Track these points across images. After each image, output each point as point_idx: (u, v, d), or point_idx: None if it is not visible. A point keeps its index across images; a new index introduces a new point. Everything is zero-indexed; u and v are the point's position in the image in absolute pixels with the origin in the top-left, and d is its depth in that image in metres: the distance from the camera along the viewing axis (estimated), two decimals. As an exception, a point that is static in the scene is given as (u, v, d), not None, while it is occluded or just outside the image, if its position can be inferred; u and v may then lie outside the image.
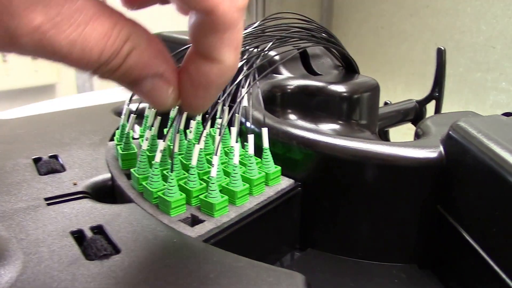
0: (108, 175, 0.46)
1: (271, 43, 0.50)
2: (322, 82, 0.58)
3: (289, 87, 0.58)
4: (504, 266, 0.35)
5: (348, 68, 0.66)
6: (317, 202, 0.46)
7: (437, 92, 0.70)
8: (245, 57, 0.48)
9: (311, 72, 0.64)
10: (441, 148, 0.42)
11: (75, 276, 0.32)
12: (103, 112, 0.61)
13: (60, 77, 2.22)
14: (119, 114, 0.62)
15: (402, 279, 0.43)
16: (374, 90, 0.60)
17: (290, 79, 0.60)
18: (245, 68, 0.48)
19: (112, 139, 0.54)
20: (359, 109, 0.59)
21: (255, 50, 0.50)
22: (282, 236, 0.46)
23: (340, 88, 0.58)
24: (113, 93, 0.72)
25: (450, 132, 0.41)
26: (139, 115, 0.51)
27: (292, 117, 0.58)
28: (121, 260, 0.34)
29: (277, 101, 0.59)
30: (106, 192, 0.45)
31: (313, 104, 0.58)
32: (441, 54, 0.71)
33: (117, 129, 0.50)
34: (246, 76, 0.46)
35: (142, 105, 0.56)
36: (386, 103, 0.76)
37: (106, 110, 0.62)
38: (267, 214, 0.42)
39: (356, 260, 0.45)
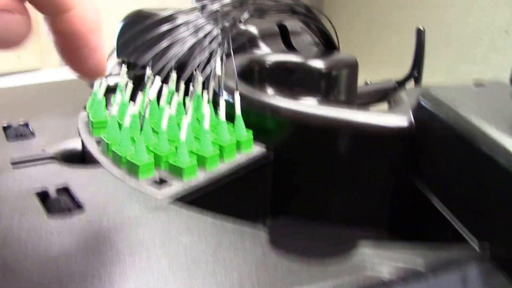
0: (79, 141, 0.46)
1: (246, 13, 0.49)
2: (301, 58, 0.58)
3: (267, 62, 0.58)
4: (468, 226, 0.35)
5: (328, 46, 0.66)
6: (289, 170, 0.45)
7: (416, 71, 0.70)
8: (219, 25, 0.48)
9: (291, 49, 0.63)
10: (411, 116, 0.42)
11: (35, 232, 0.32)
12: (79, 85, 0.61)
13: (43, 62, 2.19)
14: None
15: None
16: (352, 67, 0.60)
17: (269, 54, 0.59)
18: (220, 37, 0.47)
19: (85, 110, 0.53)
20: (337, 85, 0.58)
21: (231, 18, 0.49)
22: (253, 204, 0.45)
23: (318, 64, 0.57)
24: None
25: (420, 100, 0.41)
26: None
27: (270, 92, 0.57)
28: (84, 217, 0.34)
29: (255, 76, 0.58)
30: (75, 158, 0.45)
31: (291, 80, 0.58)
32: (420, 34, 0.70)
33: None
34: (220, 44, 0.45)
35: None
36: (366, 83, 0.76)
37: (83, 84, 0.61)
38: (237, 180, 0.41)
39: (326, 227, 0.45)
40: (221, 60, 0.45)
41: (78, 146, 0.45)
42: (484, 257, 0.32)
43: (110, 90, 0.51)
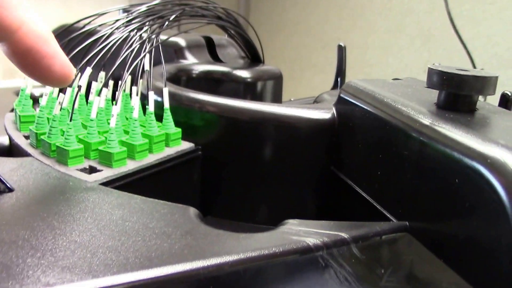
0: (6, 137, 0.45)
1: (174, 16, 0.51)
2: (227, 68, 0.60)
3: (194, 71, 0.59)
4: (385, 204, 0.37)
5: (253, 59, 0.68)
6: (217, 168, 0.46)
7: (338, 85, 0.73)
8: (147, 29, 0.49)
9: (217, 60, 0.65)
10: (334, 110, 0.43)
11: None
12: (4, 93, 0.60)
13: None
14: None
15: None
16: (277, 78, 0.62)
17: (195, 64, 0.61)
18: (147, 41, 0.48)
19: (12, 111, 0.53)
20: (262, 96, 0.60)
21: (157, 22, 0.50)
22: (181, 200, 0.46)
23: (244, 74, 0.59)
24: (20, 82, 0.70)
25: (341, 93, 0.43)
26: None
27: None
28: (14, 196, 0.34)
29: (182, 85, 0.59)
30: (2, 152, 0.45)
31: (218, 90, 0.59)
32: (341, 50, 0.73)
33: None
34: (147, 44, 0.46)
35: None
36: (290, 100, 0.78)
37: (7, 91, 0.61)
38: (166, 172, 0.42)
39: (255, 226, 0.46)
40: (150, 55, 0.46)
41: (5, 141, 0.45)
42: (403, 230, 0.34)
43: (36, 100, 0.51)
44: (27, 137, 0.44)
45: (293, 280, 0.31)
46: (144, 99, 0.45)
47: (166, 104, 0.44)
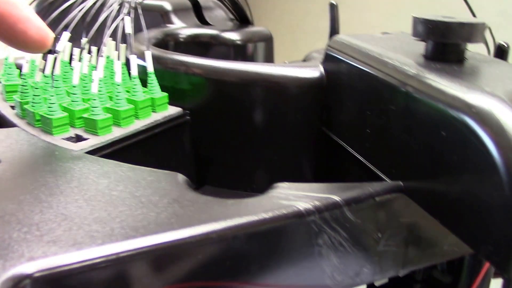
0: (-9, 108, 0.45)
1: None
2: (215, 31, 0.59)
3: (181, 36, 0.58)
4: (378, 164, 0.36)
5: (242, 21, 0.67)
6: (208, 134, 0.46)
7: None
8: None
9: (204, 23, 0.64)
10: (321, 68, 0.43)
11: None
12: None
13: None
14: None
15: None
16: (268, 40, 0.61)
17: (182, 28, 0.60)
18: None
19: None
20: (253, 58, 0.59)
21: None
22: (174, 170, 0.45)
23: (234, 36, 0.58)
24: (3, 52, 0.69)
25: (327, 50, 0.42)
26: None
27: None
28: (1, 169, 0.33)
29: (170, 50, 0.58)
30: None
31: (207, 54, 0.59)
32: (333, 9, 0.72)
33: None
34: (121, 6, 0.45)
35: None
36: (284, 63, 0.76)
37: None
38: (154, 138, 0.42)
39: (251, 194, 0.45)
40: (130, 17, 0.45)
41: (-10, 112, 0.45)
42: (397, 190, 0.34)
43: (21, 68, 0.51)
44: (13, 107, 0.44)
45: (285, 247, 0.30)
46: (128, 63, 0.45)
47: (150, 68, 0.44)
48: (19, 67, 0.47)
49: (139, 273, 0.26)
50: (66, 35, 0.42)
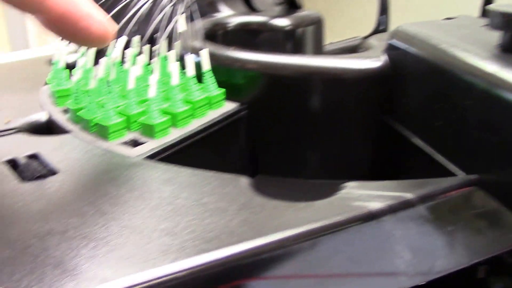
0: (43, 113, 0.44)
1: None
2: (264, 17, 0.57)
3: (230, 24, 0.57)
4: (453, 160, 0.34)
5: (291, 5, 0.65)
6: (264, 126, 0.45)
7: (382, 25, 0.70)
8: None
9: (253, 9, 0.62)
10: (384, 58, 0.41)
11: (8, 197, 0.30)
12: (38, 63, 0.59)
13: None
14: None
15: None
16: (318, 23, 0.59)
17: (231, 16, 0.58)
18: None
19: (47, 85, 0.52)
20: (303, 43, 0.58)
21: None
22: (230, 162, 0.44)
23: (283, 22, 0.56)
24: (50, 49, 0.69)
25: (391, 39, 0.40)
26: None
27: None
28: (59, 179, 0.32)
29: (219, 39, 0.57)
30: (42, 130, 0.43)
31: (257, 41, 0.57)
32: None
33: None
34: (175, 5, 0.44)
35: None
36: (331, 43, 0.75)
37: (40, 61, 0.59)
38: (212, 136, 0.40)
39: (306, 181, 0.44)
40: (185, 17, 0.44)
41: (43, 118, 0.44)
42: (472, 184, 0.32)
43: (70, 67, 0.50)
44: (65, 111, 0.43)
45: (358, 248, 0.29)
46: (181, 60, 0.43)
47: (206, 66, 0.42)
48: (67, 66, 0.47)
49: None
50: (123, 40, 0.41)
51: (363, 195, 0.30)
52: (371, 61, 0.41)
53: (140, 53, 0.41)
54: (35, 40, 2.05)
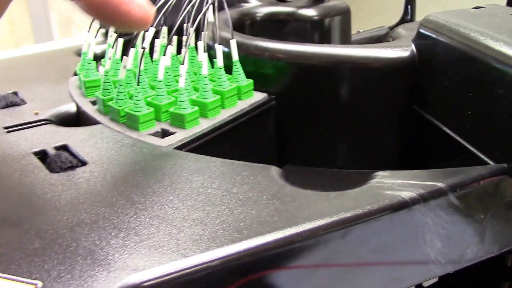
0: (72, 104, 0.44)
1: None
2: (291, 7, 0.57)
3: (258, 14, 0.57)
4: (483, 150, 0.34)
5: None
6: (293, 116, 0.44)
7: (408, 15, 0.69)
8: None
9: (280, 0, 0.62)
10: (413, 47, 0.40)
11: (38, 187, 0.30)
12: (64, 54, 0.59)
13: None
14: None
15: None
16: (345, 13, 0.58)
17: (259, 6, 0.58)
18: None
19: (75, 75, 0.52)
20: (331, 33, 0.57)
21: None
22: (258, 152, 0.44)
23: (310, 12, 0.56)
24: (75, 40, 0.69)
25: (420, 28, 0.40)
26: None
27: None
28: (89, 170, 0.32)
29: (246, 30, 0.57)
30: (70, 121, 0.43)
31: (284, 31, 0.57)
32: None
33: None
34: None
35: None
36: (358, 32, 0.74)
37: (67, 52, 0.59)
38: (241, 127, 0.40)
39: (335, 170, 0.44)
40: (213, 7, 0.43)
41: (72, 109, 0.44)
42: (502, 173, 0.32)
43: (98, 58, 0.50)
44: (94, 103, 0.43)
45: (389, 237, 0.29)
46: (209, 50, 0.43)
47: (235, 56, 0.42)
48: (95, 56, 0.47)
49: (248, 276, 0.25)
50: (152, 31, 0.41)
51: (394, 184, 0.30)
52: (399, 50, 0.40)
53: (169, 43, 0.41)
54: (58, 31, 2.05)
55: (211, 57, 0.43)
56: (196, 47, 0.44)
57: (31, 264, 0.24)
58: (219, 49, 0.41)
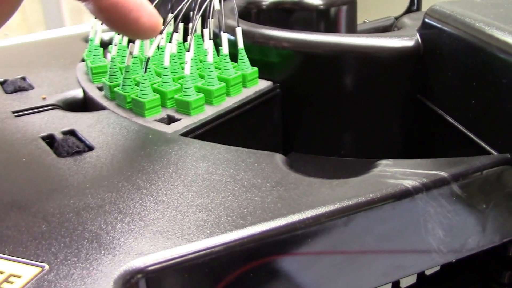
0: (79, 89, 0.44)
1: None
2: (297, -4, 0.57)
3: (264, 3, 0.57)
4: (486, 140, 0.34)
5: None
6: (297, 104, 0.44)
7: (415, 5, 0.69)
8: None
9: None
10: (418, 36, 0.40)
11: (46, 171, 0.31)
12: (72, 40, 0.59)
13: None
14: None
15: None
16: (351, 2, 0.58)
17: (264, -5, 0.58)
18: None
19: (83, 61, 0.52)
20: (337, 22, 0.57)
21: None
22: (263, 140, 0.44)
23: (316, 1, 0.56)
24: (85, 27, 0.69)
25: (425, 18, 0.40)
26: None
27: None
28: (95, 155, 0.33)
29: (252, 18, 0.57)
30: (77, 107, 0.43)
31: (290, 20, 0.57)
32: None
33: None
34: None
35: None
36: (364, 22, 0.74)
37: (76, 39, 0.60)
38: (246, 114, 0.41)
39: (339, 158, 0.44)
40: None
41: (79, 94, 0.44)
42: (505, 163, 0.32)
43: (105, 44, 0.50)
44: (100, 89, 0.43)
45: (391, 225, 0.29)
46: (215, 38, 0.43)
47: (241, 44, 0.42)
48: (102, 43, 0.47)
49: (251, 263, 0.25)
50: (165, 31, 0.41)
51: (397, 173, 0.30)
52: (404, 39, 0.40)
53: (174, 31, 0.41)
54: (69, 19, 2.05)
55: (217, 44, 0.43)
56: (202, 35, 0.45)
57: (38, 247, 0.24)
58: (225, 36, 0.42)
